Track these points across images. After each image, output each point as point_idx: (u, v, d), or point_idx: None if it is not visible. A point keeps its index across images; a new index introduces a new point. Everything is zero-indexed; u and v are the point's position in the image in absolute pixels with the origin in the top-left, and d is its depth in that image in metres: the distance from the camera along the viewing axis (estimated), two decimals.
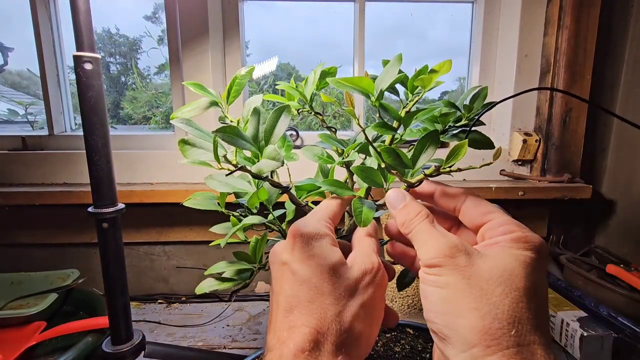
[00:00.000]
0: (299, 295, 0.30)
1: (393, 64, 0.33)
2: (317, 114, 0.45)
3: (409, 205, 0.34)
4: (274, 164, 0.34)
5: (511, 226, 0.29)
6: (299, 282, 0.30)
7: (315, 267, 0.30)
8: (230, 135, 0.33)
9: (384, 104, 0.33)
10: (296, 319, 0.29)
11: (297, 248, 0.31)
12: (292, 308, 0.30)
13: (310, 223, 0.33)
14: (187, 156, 0.35)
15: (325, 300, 0.29)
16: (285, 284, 0.31)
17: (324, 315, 0.29)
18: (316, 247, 0.31)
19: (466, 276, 0.27)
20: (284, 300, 0.30)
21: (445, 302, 0.28)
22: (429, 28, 1.23)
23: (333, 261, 0.31)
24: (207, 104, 0.38)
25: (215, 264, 0.43)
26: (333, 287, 0.30)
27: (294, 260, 0.31)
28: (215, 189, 0.43)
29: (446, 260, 0.28)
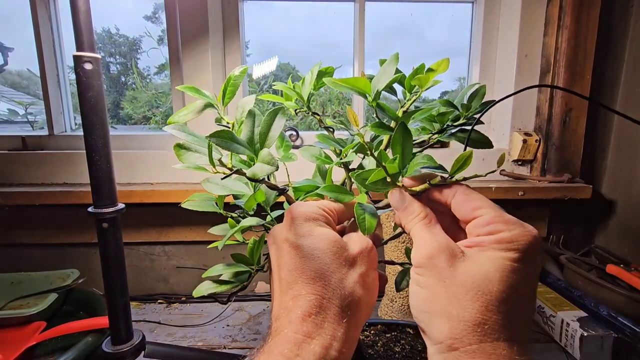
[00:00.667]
0: (303, 267, 0.31)
1: (389, 63, 0.33)
2: (315, 114, 0.45)
3: (408, 207, 0.35)
4: (268, 169, 0.34)
5: (498, 225, 0.30)
6: (300, 255, 0.32)
7: (316, 241, 0.32)
8: (225, 139, 0.33)
9: (381, 104, 0.33)
10: (300, 288, 0.31)
11: (297, 225, 0.33)
12: (296, 279, 0.31)
13: (308, 205, 0.35)
14: (182, 160, 0.35)
15: (328, 269, 0.31)
16: (287, 258, 0.32)
17: (327, 282, 0.31)
18: (314, 224, 0.34)
19: (442, 279, 0.29)
20: (286, 273, 0.32)
21: (423, 301, 0.30)
22: (428, 28, 1.23)
23: (332, 237, 0.33)
24: (201, 107, 0.38)
25: (213, 267, 0.43)
26: (334, 258, 0.32)
27: (295, 236, 0.33)
28: (212, 192, 0.43)
29: (427, 261, 0.30)
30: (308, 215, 0.34)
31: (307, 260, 0.32)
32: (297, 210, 0.34)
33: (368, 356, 0.61)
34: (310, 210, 0.35)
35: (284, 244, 0.33)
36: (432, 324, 0.29)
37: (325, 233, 0.33)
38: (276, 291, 0.33)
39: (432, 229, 0.33)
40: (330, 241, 0.33)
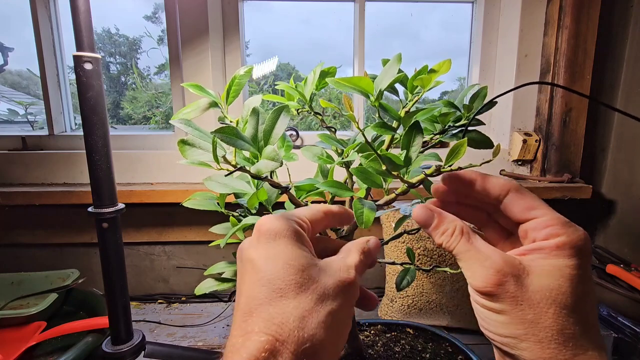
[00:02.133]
0: (260, 297, 0.27)
1: (392, 63, 0.33)
2: (317, 114, 0.45)
3: (440, 225, 0.32)
4: (272, 165, 0.33)
5: (556, 228, 0.29)
6: (260, 282, 0.27)
7: (280, 266, 0.27)
8: (229, 135, 0.33)
9: (383, 104, 0.33)
10: (254, 323, 0.26)
11: (262, 243, 0.29)
12: (252, 311, 0.27)
13: (279, 218, 0.30)
14: (186, 156, 0.35)
15: (289, 304, 0.26)
16: (248, 284, 0.28)
17: (285, 320, 0.26)
18: (282, 244, 0.29)
19: (517, 302, 0.28)
20: (244, 301, 0.28)
21: (502, 327, 0.28)
22: (428, 28, 1.23)
23: (301, 261, 0.28)
24: (206, 105, 0.38)
25: (214, 264, 0.43)
26: (299, 290, 0.27)
27: (259, 257, 0.28)
28: (215, 189, 0.43)
29: (496, 288, 0.28)
30: (276, 231, 0.29)
31: (265, 289, 0.27)
32: (264, 225, 0.30)
33: (368, 356, 0.61)
34: (280, 226, 0.29)
35: (247, 264, 0.29)
36: (521, 348, 0.28)
37: (293, 257, 0.28)
38: (234, 317, 0.28)
39: (477, 244, 0.30)
40: (297, 268, 0.27)
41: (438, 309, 0.86)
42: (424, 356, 0.62)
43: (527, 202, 0.31)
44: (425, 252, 0.85)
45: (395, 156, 0.33)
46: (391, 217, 0.90)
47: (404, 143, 0.33)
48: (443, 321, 0.87)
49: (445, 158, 0.32)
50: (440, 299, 0.85)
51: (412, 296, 0.87)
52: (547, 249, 0.28)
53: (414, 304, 0.87)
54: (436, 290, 0.86)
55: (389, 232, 0.89)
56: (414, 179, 0.34)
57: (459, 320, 0.86)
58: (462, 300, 0.85)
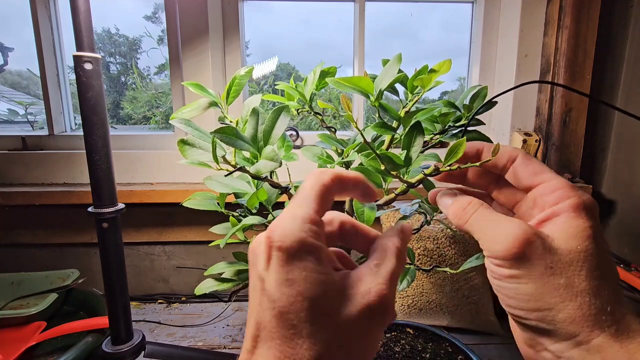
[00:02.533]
0: (271, 329, 0.23)
1: (392, 63, 0.33)
2: (317, 114, 0.45)
3: (460, 198, 0.31)
4: (272, 165, 0.33)
5: (565, 190, 0.28)
6: (273, 312, 0.23)
7: (294, 299, 0.23)
8: (229, 136, 0.33)
9: (383, 104, 0.33)
10: (265, 356, 0.23)
11: (274, 266, 0.24)
12: (260, 339, 0.23)
13: (290, 230, 0.24)
14: (186, 156, 0.35)
15: (303, 344, 0.22)
16: (258, 306, 0.24)
17: (297, 345, 0.23)
18: (297, 269, 0.23)
19: (548, 265, 0.26)
20: (253, 324, 0.24)
21: (533, 298, 0.26)
22: (428, 28, 1.23)
23: (318, 293, 0.23)
24: (206, 104, 0.38)
25: (214, 265, 0.43)
26: (315, 329, 0.23)
27: (270, 281, 0.23)
28: (215, 189, 0.43)
29: (523, 250, 0.26)
30: (290, 252, 0.23)
31: (277, 321, 0.23)
32: (276, 242, 0.24)
33: None
34: (296, 244, 0.24)
35: (259, 284, 0.24)
36: (555, 319, 0.25)
37: (308, 287, 0.23)
38: (245, 336, 0.25)
39: (497, 213, 0.29)
40: (313, 302, 0.23)
41: (438, 309, 0.86)
42: (424, 356, 0.62)
43: (534, 167, 0.30)
44: (425, 252, 0.85)
45: (395, 155, 0.33)
46: (391, 217, 0.90)
47: (405, 143, 0.33)
48: (443, 321, 0.87)
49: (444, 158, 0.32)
50: (440, 299, 0.85)
51: (412, 296, 0.87)
52: (564, 212, 0.27)
53: (414, 304, 0.87)
54: (436, 290, 0.86)
55: None
56: (413, 178, 0.34)
57: (459, 320, 0.86)
58: (462, 300, 0.85)
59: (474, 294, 0.85)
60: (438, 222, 0.87)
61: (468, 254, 0.84)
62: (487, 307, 0.87)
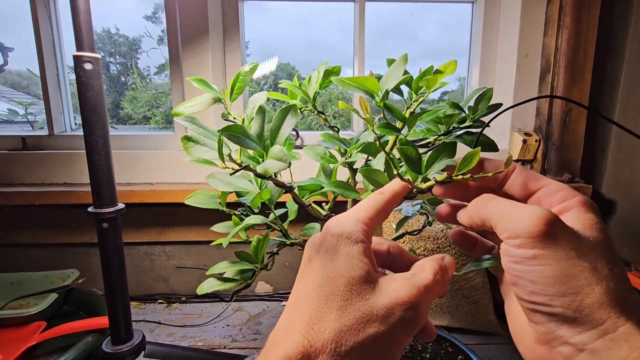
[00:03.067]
0: (308, 297, 0.26)
1: (398, 64, 0.33)
2: (320, 113, 0.45)
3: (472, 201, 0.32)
4: (280, 165, 0.33)
5: (568, 190, 0.28)
6: (313, 283, 0.27)
7: (333, 275, 0.27)
8: (237, 134, 0.33)
9: (388, 105, 0.33)
10: (296, 321, 0.26)
11: (324, 248, 0.28)
12: (299, 307, 0.27)
13: (346, 223, 0.29)
14: (190, 153, 0.35)
15: (331, 314, 0.25)
16: (302, 280, 0.28)
17: (323, 330, 0.25)
18: (342, 252, 0.28)
19: (574, 247, 0.25)
20: (295, 296, 0.28)
21: (560, 281, 0.24)
22: (428, 28, 1.23)
23: (356, 274, 0.27)
24: (210, 100, 0.38)
25: (216, 264, 0.43)
26: (345, 304, 0.26)
27: (318, 259, 0.28)
28: (217, 187, 0.43)
29: (549, 228, 0.25)
30: (340, 238, 0.28)
31: (314, 292, 0.26)
32: (332, 228, 0.29)
33: None
34: (346, 232, 0.28)
35: (307, 263, 0.29)
36: (582, 305, 0.24)
37: (348, 267, 0.27)
38: (287, 304, 0.29)
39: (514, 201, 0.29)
40: (348, 281, 0.26)
41: (438, 309, 0.86)
42: (424, 356, 0.62)
43: (532, 175, 0.31)
44: (426, 252, 0.85)
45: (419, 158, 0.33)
46: (392, 217, 0.90)
47: (432, 156, 0.33)
48: (443, 321, 0.87)
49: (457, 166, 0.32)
50: (440, 299, 0.85)
51: None
52: (574, 207, 0.27)
53: None
54: None
55: (390, 232, 0.89)
56: (423, 185, 0.34)
57: (459, 320, 0.86)
58: (462, 300, 0.85)
59: (474, 294, 0.85)
60: (439, 222, 0.87)
61: (468, 254, 0.84)
62: (487, 307, 0.87)
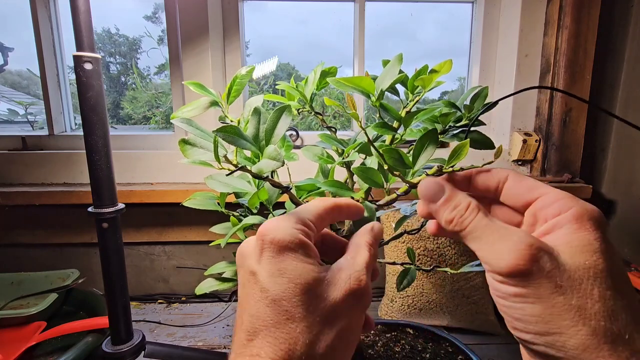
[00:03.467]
0: (265, 318, 0.25)
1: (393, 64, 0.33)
2: (317, 114, 0.45)
3: (453, 198, 0.28)
4: (274, 164, 0.33)
5: (565, 201, 0.26)
6: (266, 301, 0.26)
7: (286, 286, 0.26)
8: (232, 135, 0.33)
9: (384, 104, 0.33)
10: (260, 346, 0.25)
11: (266, 258, 0.27)
12: (257, 332, 0.25)
13: (283, 227, 0.28)
14: (187, 156, 0.35)
15: (297, 327, 0.25)
16: (251, 299, 0.26)
17: (293, 345, 0.24)
18: (289, 259, 0.26)
19: (557, 284, 0.23)
20: (248, 320, 0.26)
21: (542, 321, 0.23)
22: (428, 28, 1.23)
23: (309, 279, 0.26)
24: (207, 104, 0.38)
25: (215, 264, 0.43)
26: (307, 312, 0.25)
27: (262, 272, 0.26)
28: (215, 189, 0.43)
29: (530, 266, 0.23)
30: (282, 245, 0.27)
31: (272, 310, 0.25)
32: (268, 235, 0.27)
33: (368, 356, 0.61)
34: (286, 238, 0.27)
35: (251, 278, 0.27)
36: (565, 345, 0.23)
37: (299, 274, 0.26)
38: (236, 333, 0.27)
39: (497, 221, 0.26)
40: (304, 288, 0.26)
41: (438, 309, 0.86)
42: (424, 356, 0.62)
43: (528, 183, 0.28)
44: (426, 252, 0.85)
45: (404, 154, 0.33)
46: (391, 217, 0.90)
47: (417, 148, 0.33)
48: (443, 321, 0.87)
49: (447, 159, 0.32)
50: (440, 299, 0.85)
51: (412, 296, 0.87)
52: (566, 224, 0.25)
53: (414, 304, 0.87)
54: (436, 290, 0.86)
55: (389, 232, 0.89)
56: (415, 179, 0.34)
57: (459, 320, 0.86)
58: (462, 300, 0.85)
59: (474, 294, 0.85)
60: None
61: (468, 254, 0.84)
62: (487, 307, 0.87)
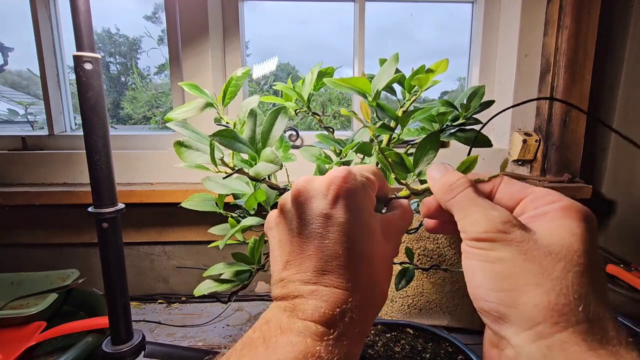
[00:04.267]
0: (339, 258, 0.29)
1: (389, 63, 0.33)
2: (315, 115, 0.45)
3: (450, 173, 0.31)
4: (271, 167, 0.33)
5: (555, 196, 0.27)
6: (345, 244, 0.29)
7: (363, 229, 0.30)
8: (227, 138, 0.33)
9: (381, 104, 0.33)
10: (327, 280, 0.28)
11: (342, 205, 0.30)
12: (326, 271, 0.28)
13: (356, 180, 0.31)
14: (183, 159, 0.35)
15: (362, 269, 0.29)
16: (320, 242, 0.29)
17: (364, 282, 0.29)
18: (362, 208, 0.31)
19: (522, 251, 0.25)
20: (314, 262, 0.29)
21: (499, 279, 0.25)
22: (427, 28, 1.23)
23: (376, 226, 0.31)
24: (202, 105, 0.38)
25: (213, 266, 0.43)
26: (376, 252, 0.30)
27: (345, 218, 0.29)
28: (214, 190, 0.43)
29: (500, 235, 0.25)
30: (355, 195, 0.30)
31: (350, 251, 0.29)
32: (343, 186, 0.30)
33: (368, 356, 0.61)
34: (358, 189, 0.31)
35: (320, 221, 0.29)
36: (517, 302, 0.24)
37: (371, 221, 0.31)
38: (304, 267, 0.29)
39: (483, 198, 0.29)
40: (376, 232, 0.31)
41: (438, 309, 0.86)
42: (424, 356, 0.62)
43: (520, 185, 0.30)
44: (425, 252, 0.85)
45: (406, 158, 0.33)
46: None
47: (417, 155, 0.33)
48: (443, 321, 0.87)
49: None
50: (440, 299, 0.85)
51: (412, 296, 0.87)
52: (552, 212, 0.26)
53: (414, 304, 0.87)
54: (436, 290, 0.86)
55: None
56: (419, 187, 0.34)
57: (459, 320, 0.86)
58: (462, 300, 0.85)
59: None
60: None
61: None
62: None
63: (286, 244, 0.30)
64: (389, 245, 0.32)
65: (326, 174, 0.31)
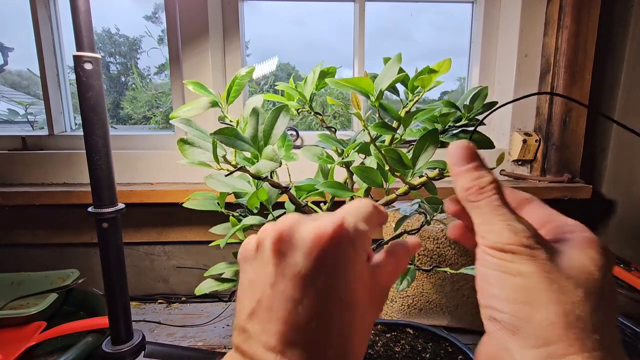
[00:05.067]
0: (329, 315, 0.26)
1: (392, 63, 0.33)
2: (317, 114, 0.45)
3: (479, 169, 0.28)
4: (272, 165, 0.33)
5: (581, 226, 0.27)
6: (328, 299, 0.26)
7: (355, 287, 0.27)
8: (229, 136, 0.33)
9: (383, 104, 0.33)
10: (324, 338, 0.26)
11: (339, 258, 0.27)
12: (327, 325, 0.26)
13: (354, 232, 0.28)
14: (186, 156, 0.35)
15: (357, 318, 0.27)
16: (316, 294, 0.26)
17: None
18: (356, 261, 0.28)
19: (545, 270, 0.24)
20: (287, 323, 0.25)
21: (517, 290, 0.24)
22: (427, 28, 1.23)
23: (366, 278, 0.29)
24: (207, 104, 0.38)
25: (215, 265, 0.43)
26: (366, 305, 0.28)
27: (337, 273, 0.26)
28: (215, 188, 0.43)
29: (523, 249, 0.24)
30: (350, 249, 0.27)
31: (338, 307, 0.26)
32: (342, 238, 0.27)
33: (368, 356, 0.61)
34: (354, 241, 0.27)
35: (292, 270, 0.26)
36: (532, 317, 0.23)
37: (363, 275, 0.28)
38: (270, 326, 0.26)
39: (509, 207, 0.26)
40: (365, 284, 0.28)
41: (438, 309, 0.86)
42: (424, 356, 0.62)
43: (552, 211, 0.29)
44: (425, 252, 0.85)
45: (404, 154, 0.33)
46: (391, 217, 0.90)
47: (417, 148, 0.33)
48: (443, 321, 0.87)
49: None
50: (440, 299, 0.85)
51: (412, 296, 0.87)
52: (577, 240, 0.25)
53: (414, 304, 0.87)
54: (436, 290, 0.86)
55: (388, 232, 0.89)
56: (416, 181, 0.34)
57: (459, 320, 0.86)
58: (462, 300, 0.85)
59: (474, 294, 0.85)
60: (438, 222, 0.87)
61: (468, 254, 0.84)
62: None
63: (257, 289, 0.27)
64: (373, 310, 0.29)
65: (316, 223, 0.27)
